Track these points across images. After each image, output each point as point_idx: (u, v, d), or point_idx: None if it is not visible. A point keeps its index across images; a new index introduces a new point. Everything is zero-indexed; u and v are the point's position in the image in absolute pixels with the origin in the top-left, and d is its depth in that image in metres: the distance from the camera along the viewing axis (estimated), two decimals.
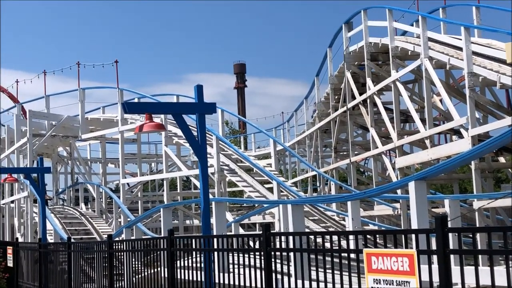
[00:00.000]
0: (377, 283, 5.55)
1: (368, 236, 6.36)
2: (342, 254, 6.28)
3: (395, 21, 22.16)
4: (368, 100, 22.67)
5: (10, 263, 18.81)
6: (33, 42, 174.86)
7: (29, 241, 25.09)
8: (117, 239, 15.20)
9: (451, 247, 5.08)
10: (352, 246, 6.17)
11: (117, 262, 12.11)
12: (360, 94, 23.46)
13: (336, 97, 26.92)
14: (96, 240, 22.74)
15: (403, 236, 5.86)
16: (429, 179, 10.02)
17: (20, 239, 26.08)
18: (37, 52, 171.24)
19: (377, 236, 6.53)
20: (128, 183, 32.79)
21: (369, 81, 22.63)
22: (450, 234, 5.12)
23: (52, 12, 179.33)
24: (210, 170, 20.67)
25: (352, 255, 6.15)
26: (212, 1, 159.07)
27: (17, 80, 33.80)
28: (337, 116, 25.75)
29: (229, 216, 20.63)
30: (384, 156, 22.60)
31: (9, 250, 19.10)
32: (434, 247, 5.23)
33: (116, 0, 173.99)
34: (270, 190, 21.74)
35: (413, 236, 5.52)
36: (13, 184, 28.69)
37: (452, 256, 5.09)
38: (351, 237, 6.20)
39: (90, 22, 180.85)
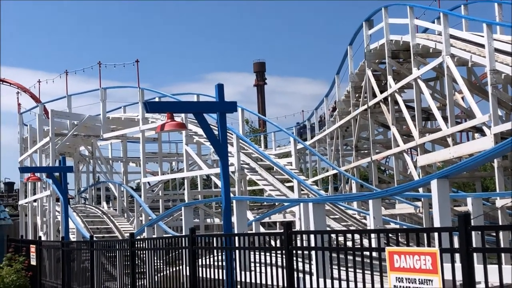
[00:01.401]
0: (399, 282, 5.53)
1: (390, 235, 6.32)
2: (364, 253, 6.26)
3: (416, 19, 22.02)
4: (389, 98, 22.54)
5: (33, 262, 19.00)
6: (55, 43, 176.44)
7: (52, 239, 25.33)
8: (138, 237, 15.29)
9: (474, 245, 5.04)
10: (373, 245, 6.15)
11: (138, 261, 12.19)
12: (381, 92, 23.34)
13: (357, 95, 26.82)
14: (118, 238, 22.88)
15: (425, 234, 5.83)
16: (452, 177, 9.94)
17: (43, 238, 26.33)
18: (59, 52, 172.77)
19: (399, 234, 6.50)
20: (149, 182, 32.95)
21: (390, 79, 22.51)
22: (473, 233, 5.08)
23: (74, 12, 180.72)
24: (230, 168, 20.70)
25: (374, 254, 6.13)
26: (231, 0, 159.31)
27: (39, 80, 34.09)
28: (358, 114, 25.65)
29: (250, 215, 20.64)
30: (405, 154, 22.47)
31: (32, 248, 19.29)
32: (456, 245, 5.19)
33: (136, 0, 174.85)
34: (291, 188, 21.70)
35: (436, 234, 5.50)
36: (36, 183, 28.97)
37: (475, 255, 5.05)
38: (372, 235, 6.18)
39: (111, 22, 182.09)
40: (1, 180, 54.44)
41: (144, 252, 11.77)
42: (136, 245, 12.05)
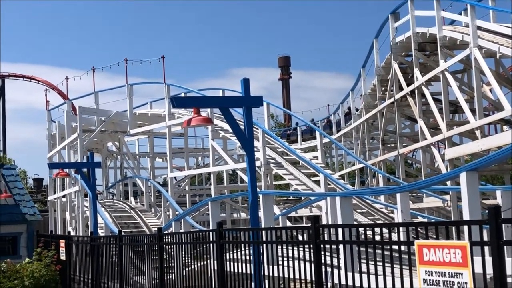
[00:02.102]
0: (429, 275, 5.50)
1: (419, 228, 6.27)
2: (393, 247, 6.22)
3: (443, 10, 21.77)
4: (416, 91, 22.35)
5: (62, 256, 19.23)
6: (82, 40, 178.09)
7: (81, 234, 25.62)
8: (166, 232, 15.38)
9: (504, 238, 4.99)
10: (402, 238, 6.11)
11: (166, 255, 12.26)
12: (408, 85, 23.16)
13: (383, 88, 26.65)
14: (146, 233, 23.07)
15: (453, 228, 5.78)
16: (480, 170, 9.84)
17: (72, 233, 26.65)
18: (86, 49, 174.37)
19: (428, 228, 6.44)
20: (175, 177, 33.16)
21: (416, 72, 22.32)
22: (503, 226, 5.03)
23: (100, 10, 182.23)
24: (256, 163, 20.72)
25: (403, 248, 6.10)
26: None
27: (66, 77, 34.41)
28: (384, 107, 25.49)
29: (276, 209, 20.65)
30: (433, 147, 22.29)
31: (62, 243, 19.53)
32: (486, 238, 5.14)
33: None
34: (317, 183, 21.66)
35: (465, 227, 5.44)
36: (64, 179, 29.29)
37: (505, 248, 5.00)
38: (401, 229, 6.15)
39: (136, 19, 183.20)
40: (29, 177, 55.18)
41: (171, 246, 11.84)
42: (164, 240, 12.13)
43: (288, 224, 17.63)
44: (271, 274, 8.44)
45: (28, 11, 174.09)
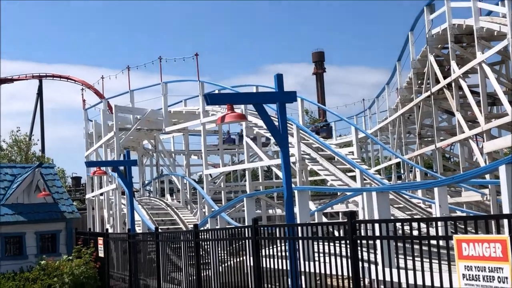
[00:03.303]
0: (468, 270, 5.39)
1: (458, 223, 6.15)
2: (431, 241, 6.11)
3: (479, 1, 21.38)
4: (453, 84, 22.02)
5: (101, 254, 19.46)
6: (117, 40, 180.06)
7: (118, 231, 25.89)
8: (202, 228, 15.44)
9: None
10: (440, 233, 6.00)
11: (202, 252, 12.30)
12: (444, 77, 22.83)
13: (419, 81, 26.33)
14: (182, 230, 23.20)
15: (493, 222, 5.66)
16: None
17: (110, 230, 26.97)
18: (121, 49, 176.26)
19: (467, 222, 6.32)
20: (210, 174, 33.24)
21: (453, 64, 21.98)
22: None
23: (134, 10, 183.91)
24: (291, 159, 20.66)
25: (441, 242, 5.99)
26: None
27: (102, 76, 34.79)
28: (421, 101, 25.18)
29: (312, 205, 20.55)
30: (471, 141, 21.93)
31: (100, 241, 19.76)
32: None
33: None
34: (353, 178, 21.50)
35: (505, 221, 5.31)
36: (102, 177, 29.66)
37: None
38: (439, 223, 6.04)
39: (170, 18, 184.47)
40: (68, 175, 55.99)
41: (208, 243, 11.87)
42: (200, 236, 12.17)
43: (324, 219, 17.54)
44: (307, 270, 8.39)
45: (64, 11, 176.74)
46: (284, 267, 9.06)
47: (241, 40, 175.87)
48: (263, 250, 9.50)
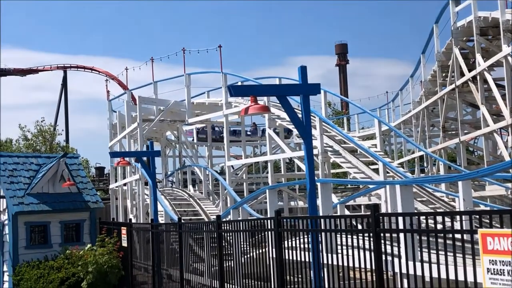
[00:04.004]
0: (493, 264, 5.37)
1: (482, 217, 6.11)
2: (455, 235, 6.09)
3: None
4: (478, 77, 21.80)
5: (124, 243, 19.62)
6: (141, 31, 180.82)
7: (142, 222, 26.10)
8: (224, 220, 15.50)
9: None
10: (465, 227, 5.97)
11: (225, 243, 12.35)
12: (469, 70, 22.62)
13: (444, 74, 26.12)
14: (204, 220, 23.32)
15: None
16: None
17: (133, 220, 27.18)
18: (144, 40, 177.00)
19: (492, 216, 6.28)
20: (233, 166, 33.41)
21: (478, 57, 21.75)
22: None
23: (158, 3, 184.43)
24: (314, 151, 20.62)
25: (465, 236, 5.96)
26: None
27: (126, 68, 34.98)
28: (445, 94, 24.98)
29: (334, 198, 20.52)
30: (495, 134, 21.72)
31: (123, 230, 19.92)
32: None
33: None
34: (376, 171, 21.40)
35: None
36: (125, 168, 29.89)
37: None
38: (464, 217, 6.01)
39: (193, 10, 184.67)
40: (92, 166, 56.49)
41: (230, 234, 11.92)
42: (223, 227, 12.22)
43: (347, 212, 17.51)
44: (329, 262, 8.40)
45: (89, 6, 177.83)
46: (306, 259, 9.08)
47: (264, 32, 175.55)
48: (285, 242, 9.53)
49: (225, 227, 12.23)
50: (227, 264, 12.07)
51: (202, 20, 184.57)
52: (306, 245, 9.15)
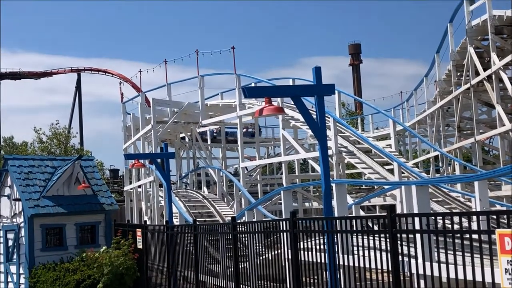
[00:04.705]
0: (511, 265, 5.31)
1: (500, 217, 6.05)
2: (472, 236, 6.04)
3: None
4: (493, 76, 21.64)
5: (139, 245, 19.65)
6: (154, 34, 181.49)
7: (156, 223, 26.14)
8: (239, 221, 15.48)
9: None
10: (482, 227, 5.92)
11: (240, 244, 12.34)
12: (484, 69, 22.45)
13: (458, 73, 25.95)
14: (219, 222, 23.32)
15: None
16: None
17: (148, 222, 27.25)
18: (158, 43, 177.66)
19: (510, 216, 6.21)
20: (247, 167, 33.37)
21: (493, 56, 21.58)
22: None
23: (170, 4, 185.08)
24: (328, 152, 20.54)
25: (482, 237, 5.91)
26: None
27: (140, 70, 35.13)
28: (460, 93, 24.81)
29: (349, 199, 20.45)
30: (511, 133, 21.54)
31: (138, 232, 19.95)
32: None
33: None
34: (390, 171, 21.31)
35: None
36: (139, 170, 29.97)
37: None
38: (481, 217, 5.95)
39: (206, 11, 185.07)
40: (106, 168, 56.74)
41: (245, 235, 11.91)
42: (238, 229, 12.21)
43: (362, 213, 17.44)
44: (345, 263, 8.36)
45: (102, 8, 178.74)
46: (322, 260, 9.04)
47: (277, 33, 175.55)
48: (301, 243, 9.50)
49: (240, 229, 12.22)
50: (242, 266, 12.06)
51: (215, 21, 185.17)
52: (321, 246, 9.12)
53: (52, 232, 20.21)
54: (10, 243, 20.67)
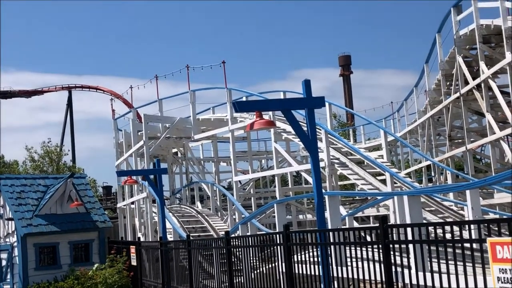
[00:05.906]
0: (503, 273, 5.35)
1: (491, 226, 6.10)
2: (464, 245, 6.08)
3: (507, 1, 21.15)
4: (482, 85, 21.79)
5: (133, 262, 19.61)
6: (144, 50, 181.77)
7: (150, 240, 26.06)
8: (233, 235, 15.47)
9: None
10: (474, 236, 5.96)
11: (234, 258, 12.33)
12: (473, 78, 22.61)
13: (448, 83, 26.11)
14: (213, 237, 23.28)
15: None
16: None
17: (142, 239, 27.15)
18: (148, 59, 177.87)
19: (501, 224, 6.26)
20: (240, 181, 33.35)
21: (482, 65, 21.74)
22: None
23: (160, 19, 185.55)
24: (320, 164, 20.59)
25: (475, 245, 5.95)
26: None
27: (131, 86, 35.09)
28: (450, 102, 24.95)
29: (342, 210, 20.48)
30: (502, 141, 21.66)
31: (132, 249, 19.91)
32: None
33: (221, 0, 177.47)
34: (383, 182, 21.36)
35: None
36: (132, 186, 29.89)
37: None
38: (472, 226, 6.00)
39: (196, 25, 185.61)
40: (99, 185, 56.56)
41: (239, 249, 11.91)
42: (232, 243, 12.20)
43: (355, 224, 17.46)
44: (339, 275, 8.38)
45: (93, 25, 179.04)
46: (316, 273, 9.06)
47: (267, 46, 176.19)
48: (295, 256, 9.51)
49: (234, 243, 12.21)
50: (237, 280, 12.04)
51: (205, 36, 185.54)
52: (315, 259, 9.13)
53: (45, 251, 20.13)
54: (4, 263, 20.56)
